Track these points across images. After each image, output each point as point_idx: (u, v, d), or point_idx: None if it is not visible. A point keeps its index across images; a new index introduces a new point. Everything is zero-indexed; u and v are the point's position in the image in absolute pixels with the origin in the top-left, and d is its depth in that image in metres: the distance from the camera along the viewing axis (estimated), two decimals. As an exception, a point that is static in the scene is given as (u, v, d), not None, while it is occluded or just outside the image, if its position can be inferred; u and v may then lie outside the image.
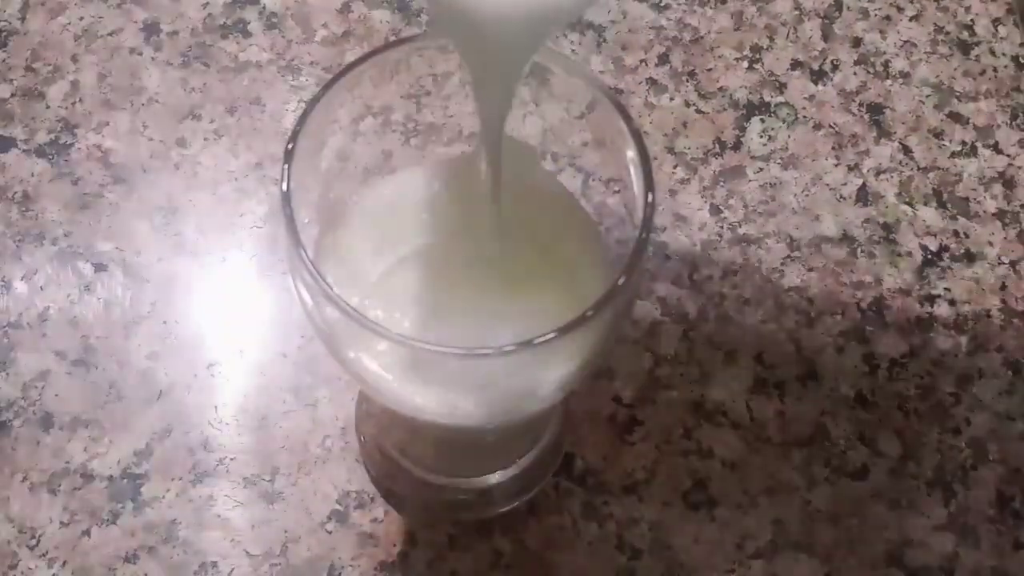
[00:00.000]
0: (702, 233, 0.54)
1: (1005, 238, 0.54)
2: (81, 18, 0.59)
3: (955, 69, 0.59)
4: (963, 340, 0.52)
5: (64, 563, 0.46)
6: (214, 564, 0.46)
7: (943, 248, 0.54)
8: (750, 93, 0.58)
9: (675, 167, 0.55)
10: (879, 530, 0.48)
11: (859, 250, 0.54)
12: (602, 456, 0.49)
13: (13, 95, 0.56)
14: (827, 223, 0.54)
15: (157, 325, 0.51)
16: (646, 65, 0.58)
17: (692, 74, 0.58)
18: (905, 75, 0.59)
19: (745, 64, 0.58)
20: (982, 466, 0.49)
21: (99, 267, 0.52)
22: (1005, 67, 0.59)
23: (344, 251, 0.38)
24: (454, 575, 0.47)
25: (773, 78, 0.58)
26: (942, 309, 0.53)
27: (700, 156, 0.56)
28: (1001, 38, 0.60)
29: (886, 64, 0.59)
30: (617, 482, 0.48)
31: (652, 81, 0.58)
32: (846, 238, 0.54)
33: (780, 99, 0.58)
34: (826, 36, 0.60)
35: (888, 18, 0.60)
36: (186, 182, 0.54)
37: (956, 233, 0.54)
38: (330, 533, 0.47)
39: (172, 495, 0.48)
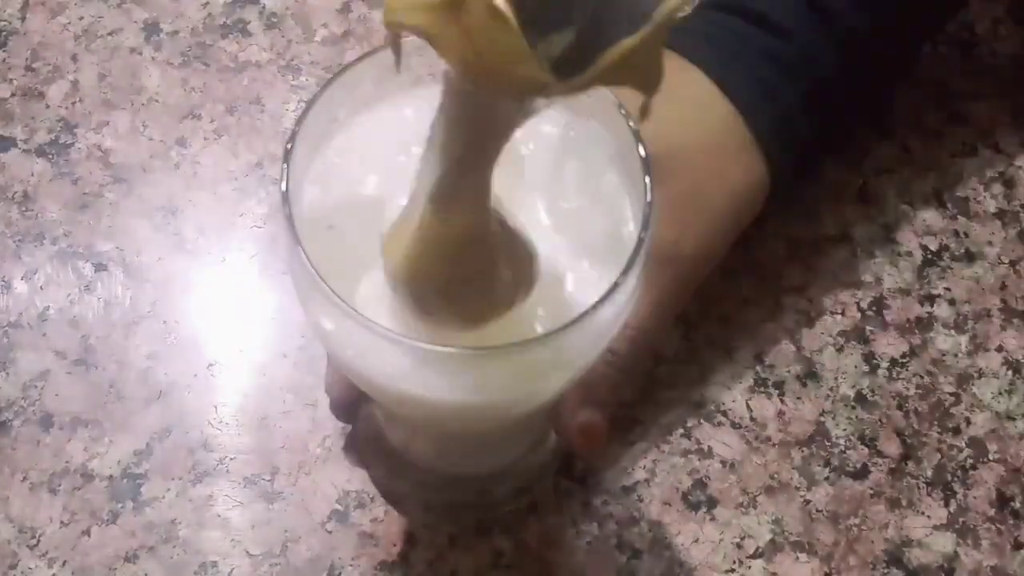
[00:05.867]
0: (702, 233, 0.54)
1: (1005, 238, 0.54)
2: (81, 18, 0.59)
3: (955, 69, 0.59)
4: (963, 340, 0.52)
5: (64, 563, 0.46)
6: (214, 564, 0.46)
7: (943, 248, 0.54)
8: (750, 93, 0.58)
9: (675, 167, 0.55)
10: (879, 530, 0.48)
11: (859, 250, 0.54)
12: (602, 456, 0.49)
13: (13, 95, 0.56)
14: (827, 223, 0.54)
15: (157, 325, 0.51)
16: (646, 65, 0.58)
17: (692, 74, 0.58)
18: (905, 75, 0.59)
19: (745, 64, 0.58)
20: (982, 466, 0.49)
21: (99, 267, 0.52)
22: (1005, 67, 0.59)
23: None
24: (454, 575, 0.47)
25: (773, 78, 0.58)
26: (942, 309, 0.53)
27: (700, 156, 0.56)
28: (1001, 38, 0.60)
29: (886, 64, 0.59)
30: (617, 482, 0.48)
31: (652, 81, 0.57)
32: (846, 238, 0.54)
33: (780, 99, 0.57)
34: (826, 36, 0.60)
35: (888, 18, 0.60)
36: (186, 182, 0.54)
37: (956, 233, 0.54)
38: (330, 533, 0.47)
39: (172, 495, 0.48)
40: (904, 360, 0.51)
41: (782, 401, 0.50)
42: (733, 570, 0.47)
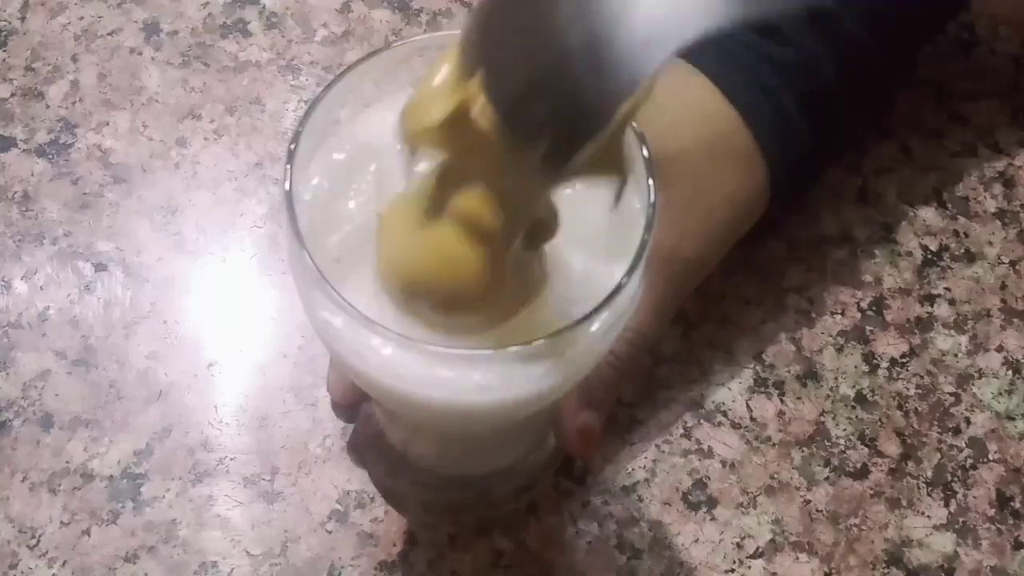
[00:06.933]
0: (702, 233, 0.54)
1: (1005, 238, 0.54)
2: (81, 18, 0.59)
3: (955, 69, 0.59)
4: (963, 340, 0.52)
5: (64, 563, 0.46)
6: (214, 564, 0.46)
7: (943, 248, 0.54)
8: (750, 93, 0.58)
9: (675, 167, 0.55)
10: (879, 530, 0.48)
11: (859, 250, 0.54)
12: (602, 456, 0.49)
13: (13, 95, 0.56)
14: (827, 223, 0.54)
15: (157, 325, 0.51)
16: (646, 65, 0.58)
17: (692, 74, 0.58)
18: (905, 75, 0.59)
19: (745, 64, 0.58)
20: (982, 466, 0.49)
21: (99, 267, 0.52)
22: (1005, 67, 0.59)
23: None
24: (454, 575, 0.47)
25: (773, 78, 0.58)
26: (942, 309, 0.53)
27: (700, 156, 0.56)
28: (1001, 38, 0.60)
29: (886, 64, 0.59)
30: (617, 482, 0.48)
31: (652, 81, 0.57)
32: (846, 238, 0.54)
33: (780, 99, 0.57)
34: (826, 36, 0.60)
35: (888, 18, 0.60)
36: (186, 182, 0.54)
37: (956, 233, 0.54)
38: (330, 533, 0.47)
39: (172, 495, 0.47)
40: (904, 360, 0.51)
41: (782, 401, 0.50)
42: (733, 570, 0.47)
